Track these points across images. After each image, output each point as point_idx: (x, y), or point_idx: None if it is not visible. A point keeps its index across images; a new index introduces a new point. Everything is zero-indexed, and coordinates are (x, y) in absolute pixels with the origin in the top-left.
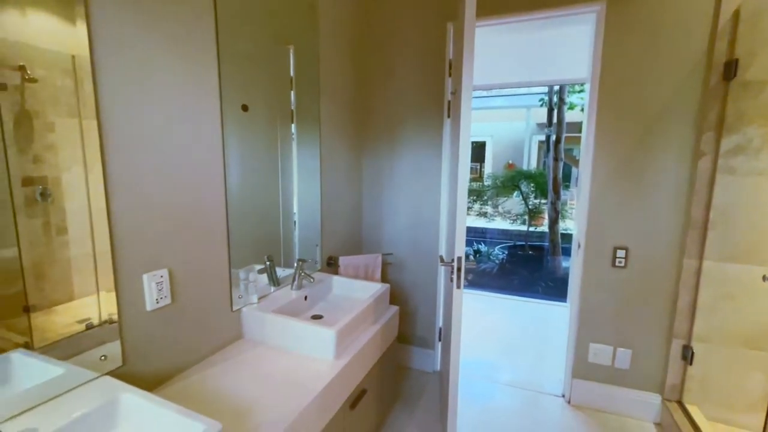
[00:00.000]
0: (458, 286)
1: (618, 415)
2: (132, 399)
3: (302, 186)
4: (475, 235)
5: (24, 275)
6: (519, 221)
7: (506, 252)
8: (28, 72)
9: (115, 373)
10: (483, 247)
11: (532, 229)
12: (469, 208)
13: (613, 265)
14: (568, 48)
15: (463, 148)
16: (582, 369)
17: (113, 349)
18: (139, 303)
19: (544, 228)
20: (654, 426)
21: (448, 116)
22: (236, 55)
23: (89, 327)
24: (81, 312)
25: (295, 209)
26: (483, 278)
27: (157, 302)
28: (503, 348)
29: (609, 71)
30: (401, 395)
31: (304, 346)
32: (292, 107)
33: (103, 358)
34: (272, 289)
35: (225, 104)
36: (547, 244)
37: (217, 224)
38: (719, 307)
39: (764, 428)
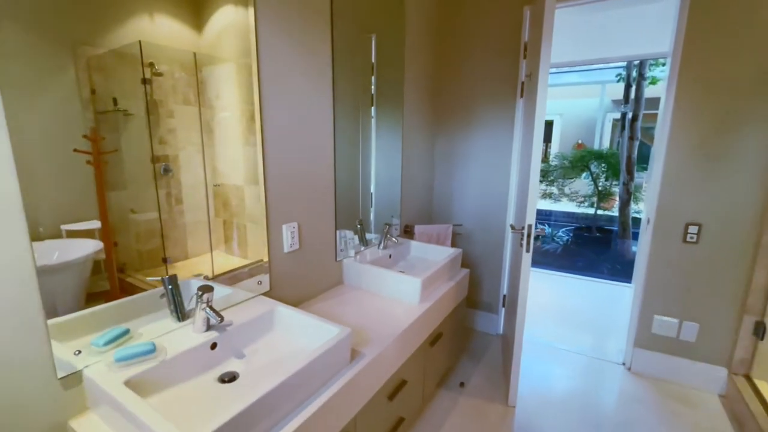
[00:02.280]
0: (527, 250)
1: (680, 385)
2: (283, 310)
3: (384, 162)
4: (539, 217)
5: (163, 234)
6: (587, 203)
7: (571, 234)
8: (156, 67)
9: (265, 296)
10: (547, 229)
11: (600, 212)
12: None
13: (684, 240)
14: (649, 22)
15: (538, 121)
16: (644, 339)
17: (264, 279)
18: (279, 246)
19: (613, 212)
20: (718, 398)
21: (522, 97)
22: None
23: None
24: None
25: (373, 183)
26: (547, 258)
27: (291, 247)
28: (565, 320)
29: (693, 45)
30: (467, 350)
31: (394, 292)
32: (373, 92)
33: (259, 283)
34: (362, 248)
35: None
36: (616, 227)
37: (327, 191)
38: None
39: None
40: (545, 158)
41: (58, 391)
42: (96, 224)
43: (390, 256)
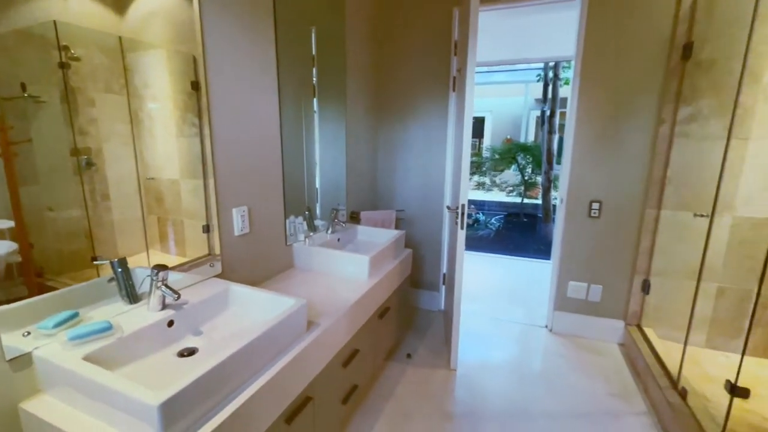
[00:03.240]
0: (462, 228)
1: (590, 339)
2: (238, 288)
3: (329, 151)
4: (474, 206)
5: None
6: (515, 192)
7: (502, 220)
8: (72, 51)
9: (218, 278)
10: (481, 217)
11: (527, 201)
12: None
13: (589, 216)
14: (561, 29)
15: (467, 111)
16: (562, 303)
17: (216, 262)
18: (230, 229)
19: (538, 200)
20: (618, 346)
21: (454, 90)
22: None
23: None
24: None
25: (318, 171)
26: (482, 242)
27: (242, 230)
28: (500, 295)
29: (591, 49)
30: (413, 326)
31: (344, 271)
32: (314, 84)
33: (211, 265)
34: (311, 233)
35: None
36: (540, 213)
37: (276, 178)
38: (671, 247)
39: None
40: (478, 152)
41: (7, 373)
42: (8, 223)
43: (338, 240)
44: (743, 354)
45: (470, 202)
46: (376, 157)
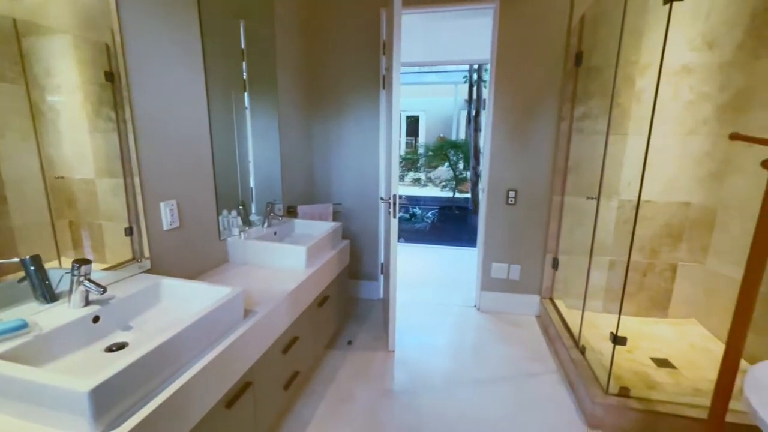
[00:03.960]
0: (394, 216)
1: (512, 314)
2: (171, 281)
3: (262, 146)
4: (410, 201)
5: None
6: (448, 187)
7: (436, 214)
8: None
9: (147, 273)
10: (418, 211)
11: (459, 195)
12: (404, 176)
13: (507, 203)
14: (481, 33)
15: (395, 107)
16: (487, 283)
17: (144, 260)
18: (158, 223)
19: (468, 194)
20: (535, 318)
21: (383, 88)
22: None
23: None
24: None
25: (252, 166)
26: (418, 235)
27: (171, 224)
28: (435, 281)
29: (503, 55)
30: (354, 315)
31: (282, 262)
32: (245, 78)
33: (138, 260)
34: (247, 228)
35: (197, 75)
36: (470, 205)
37: (206, 171)
38: (574, 229)
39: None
40: (414, 150)
41: None
42: None
43: (275, 234)
44: (620, 311)
45: (407, 198)
46: (311, 151)
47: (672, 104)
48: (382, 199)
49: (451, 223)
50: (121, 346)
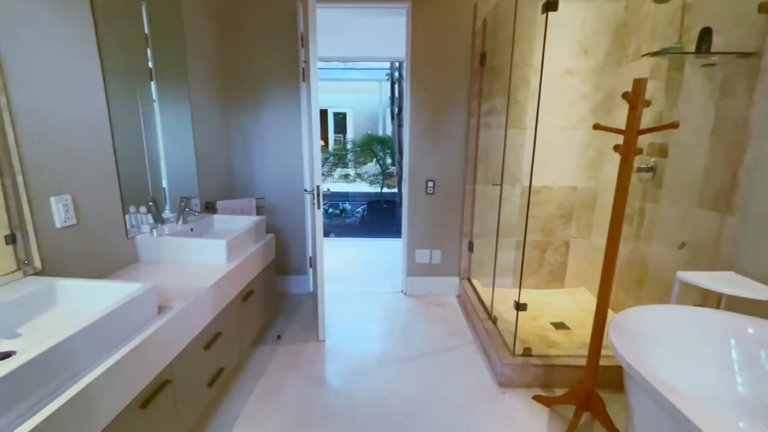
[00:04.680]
0: (318, 207)
1: (436, 296)
2: (66, 282)
3: (174, 139)
4: (340, 198)
5: None
6: (376, 182)
7: (366, 208)
8: None
9: (38, 276)
10: (347, 206)
11: (387, 190)
12: (332, 172)
13: (426, 192)
14: (399, 31)
15: (313, 98)
16: (412, 269)
17: (33, 257)
18: (49, 221)
19: (396, 189)
20: (455, 297)
21: (303, 80)
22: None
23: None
24: None
25: (163, 159)
26: (347, 229)
27: (65, 222)
28: (363, 272)
29: (417, 53)
30: (283, 311)
31: (201, 258)
32: (151, 66)
33: (25, 262)
34: (159, 225)
35: (93, 61)
36: (397, 199)
37: (106, 165)
38: (485, 214)
39: (517, 285)
40: (343, 146)
41: None
42: None
43: (192, 230)
44: (520, 283)
45: (337, 194)
46: (230, 145)
47: (559, 102)
48: (305, 190)
49: (379, 217)
50: (6, 355)
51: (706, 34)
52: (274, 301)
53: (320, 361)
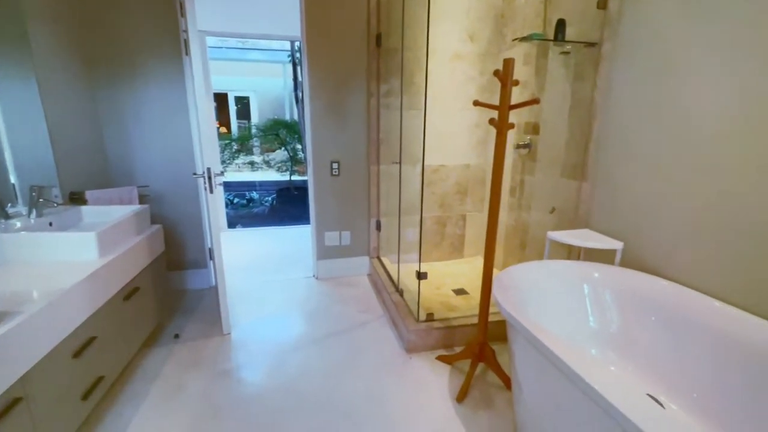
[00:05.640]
0: (211, 191)
1: (347, 276)
2: None
3: (19, 119)
4: (247, 187)
5: None
6: (284, 168)
7: (275, 196)
8: None
9: None
10: (255, 195)
11: (297, 177)
12: (235, 159)
13: (332, 174)
14: (294, 7)
15: (197, 73)
16: (322, 252)
17: None
18: None
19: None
20: (367, 276)
21: (187, 54)
22: None
23: None
24: None
25: (7, 145)
26: (258, 218)
27: None
28: (273, 260)
29: (312, 32)
30: (181, 307)
31: (64, 254)
32: None
33: None
34: (2, 220)
35: None
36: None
37: None
38: (390, 193)
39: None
40: (248, 132)
41: None
42: None
43: (51, 224)
44: (420, 254)
45: (244, 183)
46: (99, 125)
47: (450, 85)
48: (195, 174)
49: (290, 204)
50: None
51: (561, 25)
52: (168, 298)
53: (226, 355)
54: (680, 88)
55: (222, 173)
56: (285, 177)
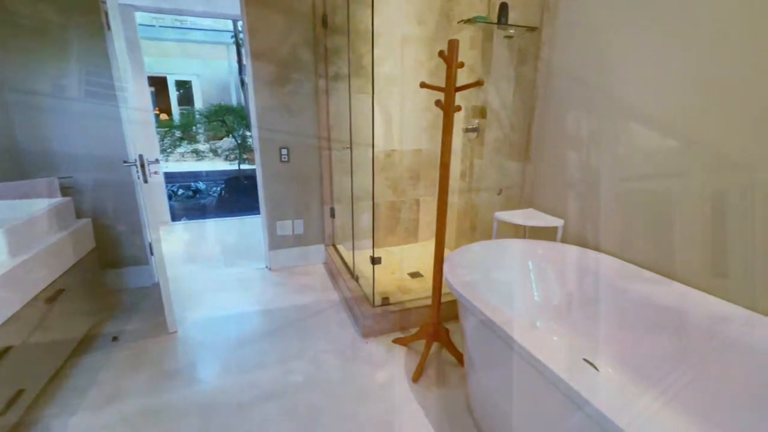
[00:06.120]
0: (145, 181)
1: (302, 266)
2: None
3: None
4: (192, 178)
5: None
6: (232, 157)
7: (224, 186)
8: None
9: None
10: (202, 186)
11: (246, 166)
12: (173, 149)
13: (281, 160)
14: None
15: (119, 46)
16: (275, 242)
17: None
18: None
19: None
20: (322, 264)
21: (109, 29)
22: None
23: None
24: None
25: None
26: (205, 210)
27: None
28: (223, 253)
29: (253, 10)
30: (120, 308)
31: None
32: None
33: None
34: None
35: None
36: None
37: None
38: (342, 179)
39: (372, 245)
40: (192, 120)
41: None
42: None
43: None
44: (373, 239)
45: (189, 173)
46: (5, 111)
47: (400, 69)
48: (126, 162)
49: (240, 194)
50: None
51: (503, 9)
52: (103, 299)
53: (171, 355)
54: (612, 72)
55: (157, 161)
56: (234, 166)
